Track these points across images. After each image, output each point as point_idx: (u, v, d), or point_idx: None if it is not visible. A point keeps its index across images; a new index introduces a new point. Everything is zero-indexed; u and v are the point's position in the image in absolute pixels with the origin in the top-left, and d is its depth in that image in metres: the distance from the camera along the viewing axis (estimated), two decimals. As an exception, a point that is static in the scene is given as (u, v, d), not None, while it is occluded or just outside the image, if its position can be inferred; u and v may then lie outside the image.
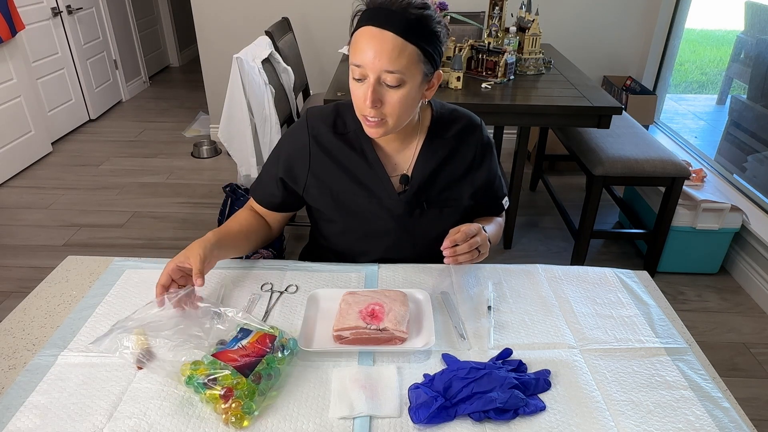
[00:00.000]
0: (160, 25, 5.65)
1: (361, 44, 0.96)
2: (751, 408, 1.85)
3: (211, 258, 1.03)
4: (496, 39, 2.54)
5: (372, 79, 0.97)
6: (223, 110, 2.35)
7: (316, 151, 1.15)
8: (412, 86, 0.99)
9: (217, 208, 2.99)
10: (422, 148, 1.15)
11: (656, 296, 1.14)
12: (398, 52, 0.94)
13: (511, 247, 2.71)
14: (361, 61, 0.96)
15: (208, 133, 4.02)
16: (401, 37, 0.94)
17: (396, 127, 1.05)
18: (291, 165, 1.17)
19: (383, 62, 0.95)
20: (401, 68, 0.96)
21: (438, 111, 1.18)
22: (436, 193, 1.18)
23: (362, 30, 0.96)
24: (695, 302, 2.37)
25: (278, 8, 3.39)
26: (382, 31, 0.94)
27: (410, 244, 1.22)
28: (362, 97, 0.99)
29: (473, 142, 1.19)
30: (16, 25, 3.23)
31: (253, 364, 0.85)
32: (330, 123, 1.15)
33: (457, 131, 1.17)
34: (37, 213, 2.99)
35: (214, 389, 0.82)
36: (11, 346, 0.97)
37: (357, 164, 1.15)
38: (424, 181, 1.16)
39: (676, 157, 2.31)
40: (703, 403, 0.88)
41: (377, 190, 1.15)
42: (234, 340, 0.90)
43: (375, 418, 0.83)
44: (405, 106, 1.01)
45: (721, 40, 4.12)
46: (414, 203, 1.17)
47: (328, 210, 1.20)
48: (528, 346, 0.98)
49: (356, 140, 1.14)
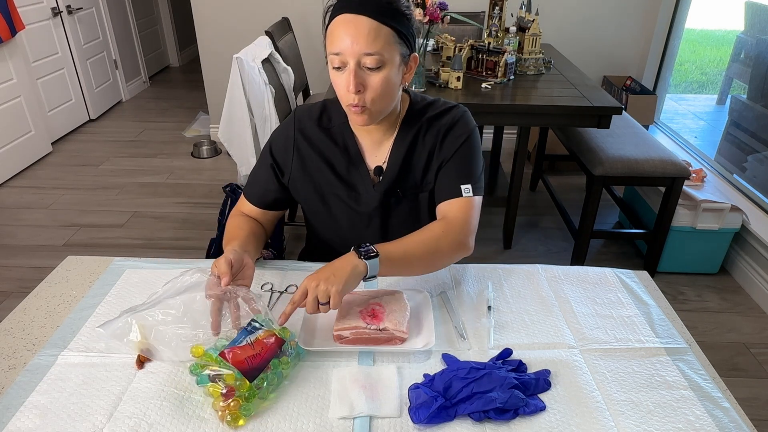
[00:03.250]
0: (160, 25, 5.65)
1: (337, 32, 0.98)
2: (751, 408, 1.85)
3: (242, 256, 1.01)
4: (496, 39, 2.54)
5: (352, 65, 0.99)
6: (223, 110, 2.35)
7: (302, 143, 1.18)
8: (391, 68, 1.01)
9: (217, 208, 2.99)
10: (396, 137, 1.16)
11: (656, 296, 1.14)
12: (374, 34, 0.97)
13: (511, 247, 2.71)
14: (340, 48, 0.98)
15: (208, 133, 4.02)
16: (375, 20, 0.97)
17: (381, 112, 1.06)
18: (278, 157, 1.19)
19: (361, 45, 0.97)
20: (379, 49, 0.98)
21: (415, 101, 1.18)
22: (411, 181, 1.18)
23: (337, 19, 0.99)
24: (695, 302, 2.37)
25: (278, 8, 3.39)
26: (356, 17, 0.97)
27: (392, 234, 1.20)
28: (345, 84, 1.01)
29: (444, 122, 1.16)
30: (16, 25, 3.23)
31: (259, 368, 0.84)
32: (315, 117, 1.18)
33: (429, 117, 1.17)
34: (37, 213, 2.99)
35: (217, 385, 0.82)
36: (11, 346, 0.97)
37: (338, 158, 1.17)
38: (397, 170, 1.16)
39: (676, 157, 2.31)
40: (703, 403, 0.88)
41: (356, 183, 1.17)
42: (242, 333, 0.89)
43: (375, 418, 0.84)
44: (387, 89, 1.03)
45: (721, 40, 4.12)
46: (389, 193, 1.18)
47: (312, 203, 1.21)
48: (528, 346, 0.98)
49: (339, 134, 1.17)
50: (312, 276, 0.93)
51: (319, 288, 0.91)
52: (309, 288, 0.92)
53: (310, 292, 0.92)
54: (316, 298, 0.91)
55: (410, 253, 1.03)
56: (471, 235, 1.11)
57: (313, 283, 0.92)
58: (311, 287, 0.92)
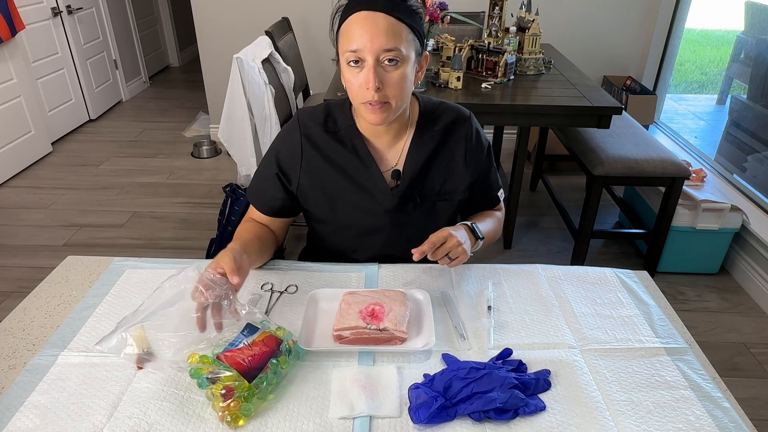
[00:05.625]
0: (160, 25, 5.65)
1: (354, 30, 0.98)
2: (751, 408, 1.85)
3: (241, 262, 0.97)
4: (496, 39, 2.54)
5: (371, 62, 0.98)
6: (223, 110, 2.35)
7: (308, 150, 1.15)
8: (408, 64, 1.01)
9: (217, 208, 2.99)
10: (412, 141, 1.16)
11: (656, 296, 1.14)
12: (393, 30, 0.97)
13: (511, 247, 2.71)
14: (358, 45, 0.97)
15: (208, 133, 4.02)
16: (392, 16, 0.97)
17: (398, 109, 1.05)
18: (285, 165, 1.16)
19: (381, 41, 0.97)
20: (397, 45, 0.98)
21: (425, 104, 1.18)
22: (429, 187, 1.18)
23: (352, 17, 0.98)
24: (695, 302, 2.37)
25: (278, 8, 3.39)
26: (373, 13, 0.97)
27: (404, 240, 1.19)
28: (363, 82, 1.00)
29: (463, 134, 1.18)
30: (16, 25, 3.23)
31: (257, 368, 0.84)
32: (321, 121, 1.15)
33: (446, 124, 1.17)
34: (37, 213, 2.99)
35: (217, 386, 0.82)
36: (11, 346, 0.97)
37: (349, 161, 1.14)
38: (416, 175, 1.16)
39: (676, 157, 2.31)
40: (703, 403, 0.88)
41: (370, 186, 1.15)
42: (239, 336, 0.89)
43: (375, 418, 0.83)
44: (405, 86, 1.02)
45: (721, 40, 4.12)
46: (407, 198, 1.17)
47: (321, 210, 1.20)
48: (528, 346, 0.98)
49: (347, 137, 1.15)
50: (454, 234, 1.05)
51: (459, 248, 1.05)
52: (451, 241, 1.04)
53: (450, 243, 1.04)
54: (449, 249, 1.04)
55: (489, 238, 1.22)
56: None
57: (455, 240, 1.04)
58: (454, 242, 1.04)
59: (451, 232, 1.05)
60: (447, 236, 1.04)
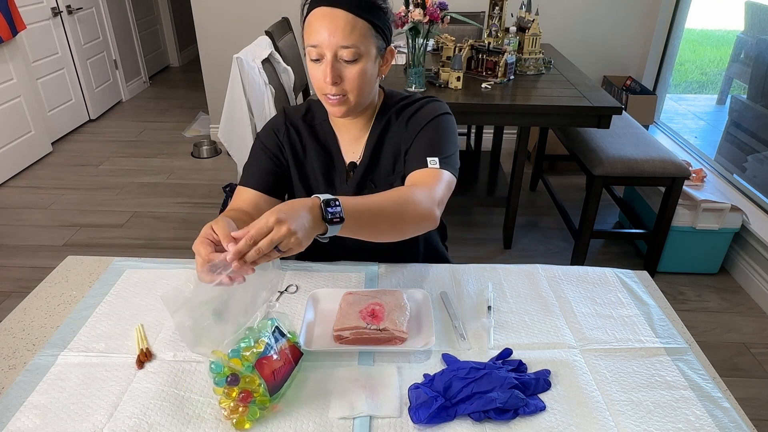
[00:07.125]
0: (160, 25, 5.65)
1: (314, 25, 1.00)
2: (751, 408, 1.85)
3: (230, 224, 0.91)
4: (496, 39, 2.54)
5: (329, 57, 1.01)
6: (223, 110, 2.35)
7: (292, 133, 1.21)
8: (367, 60, 1.03)
9: (217, 208, 2.99)
10: (370, 133, 1.18)
11: (656, 296, 1.14)
12: (351, 27, 0.99)
13: (511, 247, 2.71)
14: (317, 41, 1.00)
15: (208, 133, 4.02)
16: (351, 13, 0.99)
17: (358, 104, 1.08)
18: (270, 143, 1.21)
19: (338, 38, 0.99)
20: (355, 42, 1.00)
21: (388, 97, 1.19)
22: (384, 170, 1.19)
23: (314, 12, 1.01)
24: (695, 302, 2.36)
25: (278, 8, 3.39)
26: (333, 10, 0.99)
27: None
28: (321, 75, 1.03)
29: (409, 111, 1.17)
30: (17, 25, 3.23)
31: (281, 383, 0.84)
32: (302, 114, 1.22)
33: (398, 108, 1.18)
34: (37, 213, 2.98)
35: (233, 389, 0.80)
36: (11, 346, 0.97)
37: (320, 155, 1.20)
38: (369, 162, 1.18)
39: (676, 157, 2.31)
40: (703, 403, 0.88)
41: (334, 179, 1.20)
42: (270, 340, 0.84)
43: (375, 418, 0.83)
44: (363, 81, 1.04)
45: (721, 40, 4.12)
46: (362, 185, 1.19)
47: (299, 193, 1.23)
48: (528, 346, 0.98)
49: (321, 132, 1.20)
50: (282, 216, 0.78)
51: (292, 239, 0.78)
52: (278, 232, 0.77)
53: (278, 234, 0.77)
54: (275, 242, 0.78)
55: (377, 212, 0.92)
56: (436, 205, 1.01)
57: (284, 230, 0.77)
58: (282, 233, 0.77)
59: (279, 218, 0.78)
60: (272, 225, 0.78)
